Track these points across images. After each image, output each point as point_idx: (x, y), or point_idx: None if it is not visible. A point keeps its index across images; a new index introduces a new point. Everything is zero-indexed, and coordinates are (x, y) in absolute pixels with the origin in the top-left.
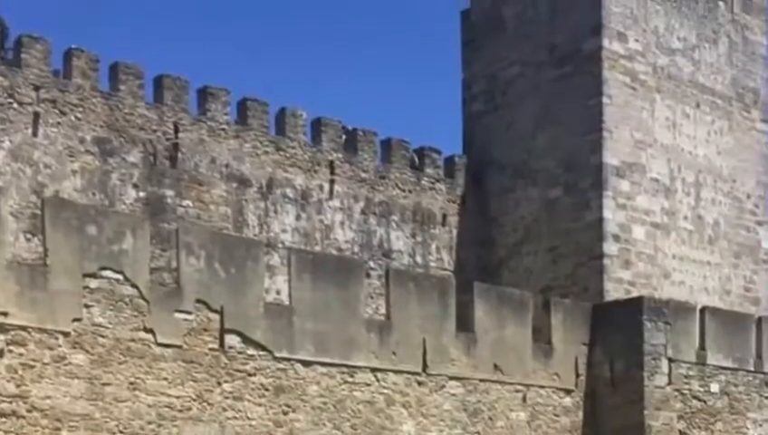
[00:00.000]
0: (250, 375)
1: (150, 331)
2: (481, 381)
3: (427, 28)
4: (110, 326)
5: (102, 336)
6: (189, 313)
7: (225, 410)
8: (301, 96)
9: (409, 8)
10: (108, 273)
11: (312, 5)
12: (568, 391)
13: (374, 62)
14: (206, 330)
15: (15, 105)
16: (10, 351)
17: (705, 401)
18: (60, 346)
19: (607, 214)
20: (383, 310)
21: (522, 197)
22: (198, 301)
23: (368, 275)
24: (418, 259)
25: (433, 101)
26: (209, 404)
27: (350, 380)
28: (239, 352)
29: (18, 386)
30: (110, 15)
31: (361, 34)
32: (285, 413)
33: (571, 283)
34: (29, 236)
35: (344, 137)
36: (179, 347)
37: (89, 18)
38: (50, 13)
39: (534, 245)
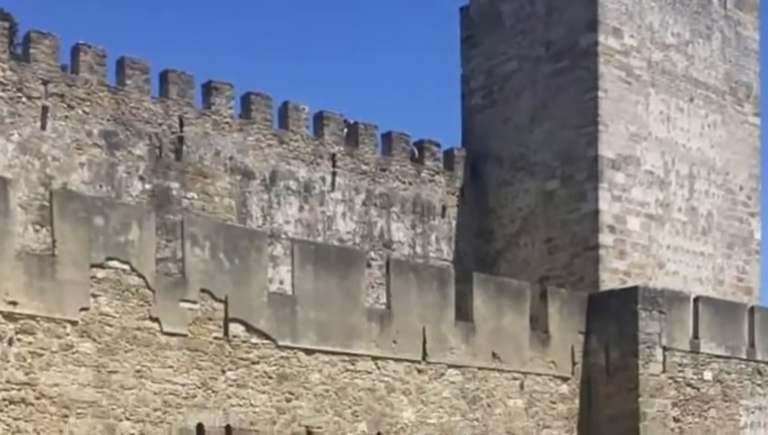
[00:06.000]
0: (254, 363)
1: (156, 320)
2: (479, 369)
3: (427, 24)
4: (116, 315)
5: (109, 325)
6: (194, 302)
7: (229, 397)
8: (303, 91)
9: (411, 5)
10: (114, 263)
11: (312, 3)
12: (564, 379)
13: (376, 57)
14: (210, 319)
15: (24, 99)
16: (19, 339)
17: (698, 389)
18: (68, 335)
19: (602, 205)
20: (384, 299)
21: (519, 189)
22: (203, 290)
23: (369, 266)
24: (418, 250)
25: (432, 96)
26: (214, 392)
27: (351, 368)
28: (243, 341)
29: (27, 374)
30: (117, 12)
31: (361, 33)
32: (288, 400)
33: (567, 273)
34: (37, 227)
35: (346, 130)
36: (184, 336)
37: (96, 15)
38: (57, 9)
39: (531, 236)
